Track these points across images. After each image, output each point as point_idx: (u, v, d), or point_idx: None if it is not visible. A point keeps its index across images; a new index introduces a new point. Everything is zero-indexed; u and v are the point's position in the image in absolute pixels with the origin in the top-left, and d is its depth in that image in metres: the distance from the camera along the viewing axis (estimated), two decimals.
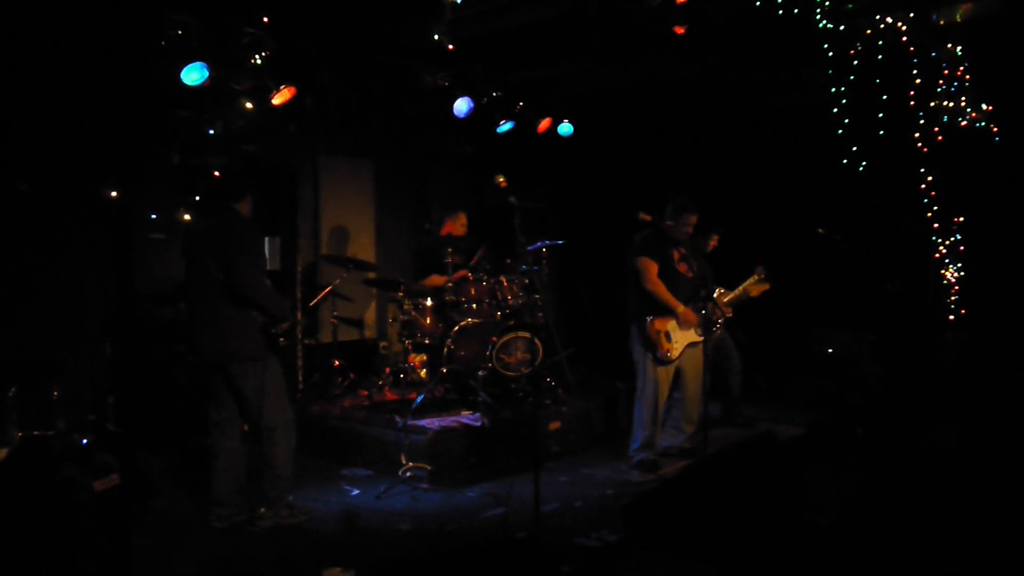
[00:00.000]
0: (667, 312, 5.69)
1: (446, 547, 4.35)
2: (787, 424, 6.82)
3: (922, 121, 6.70)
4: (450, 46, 5.72)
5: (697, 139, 8.41)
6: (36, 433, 5.01)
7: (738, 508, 4.00)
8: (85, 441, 4.77)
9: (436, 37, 5.70)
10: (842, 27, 5.68)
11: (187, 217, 6.29)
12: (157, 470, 5.61)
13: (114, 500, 4.47)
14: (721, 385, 7.03)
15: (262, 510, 4.72)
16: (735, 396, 7.18)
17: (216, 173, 5.89)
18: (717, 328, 6.74)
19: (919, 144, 6.75)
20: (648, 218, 5.44)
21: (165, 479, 5.49)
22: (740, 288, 6.84)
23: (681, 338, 5.73)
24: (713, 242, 7.04)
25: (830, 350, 8.06)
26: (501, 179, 4.87)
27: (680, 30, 5.38)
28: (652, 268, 5.70)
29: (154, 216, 6.47)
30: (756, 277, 6.79)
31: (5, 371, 5.40)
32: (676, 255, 5.84)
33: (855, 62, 5.87)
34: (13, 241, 5.72)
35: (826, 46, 5.79)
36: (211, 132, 6.34)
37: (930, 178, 6.87)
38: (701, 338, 5.67)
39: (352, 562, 3.93)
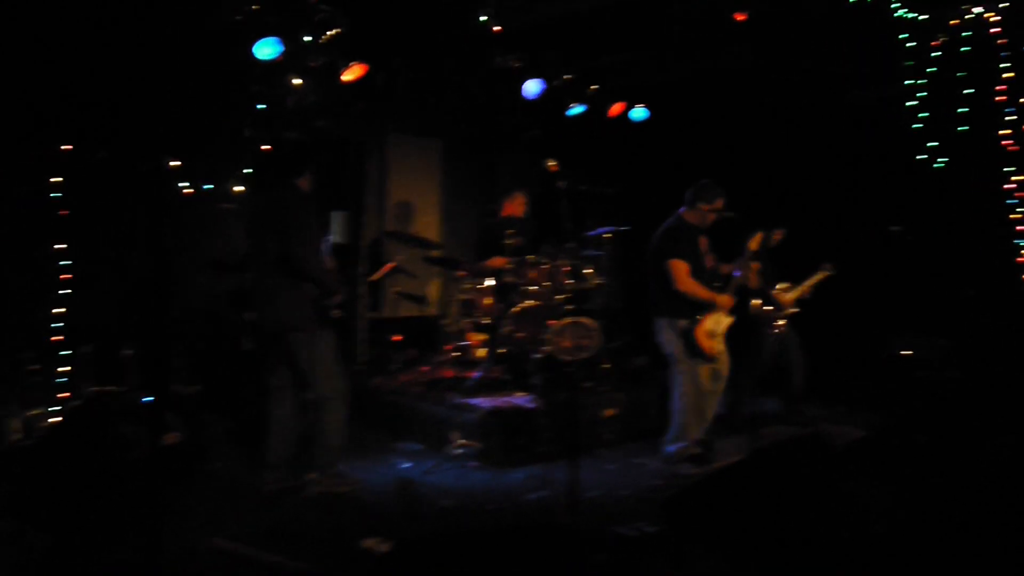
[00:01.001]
0: (705, 308, 5.43)
1: (481, 526, 4.40)
2: (849, 426, 6.64)
3: (1010, 118, 6.41)
4: (496, 28, 5.70)
5: (768, 132, 8.20)
6: (101, 390, 5.21)
7: (777, 509, 3.93)
8: (147, 400, 4.96)
9: (482, 19, 5.67)
10: (924, 16, 5.45)
11: (239, 189, 6.42)
12: (218, 432, 5.84)
13: (171, 458, 4.67)
14: (783, 382, 6.89)
15: (312, 476, 4.84)
16: (796, 394, 7.02)
17: (270, 148, 6.00)
18: (782, 324, 6.62)
19: (1006, 142, 6.46)
20: (706, 208, 5.36)
21: (224, 442, 5.71)
22: (805, 284, 6.70)
23: (720, 331, 5.51)
24: (777, 236, 6.88)
25: (901, 353, 7.83)
26: (552, 163, 4.88)
27: (741, 17, 5.25)
28: (684, 269, 5.39)
29: (211, 186, 6.60)
30: (822, 275, 6.63)
31: (81, 331, 5.67)
32: (703, 245, 5.60)
33: (936, 54, 5.62)
34: (90, 209, 5.94)
35: (905, 36, 5.55)
36: (275, 108, 6.44)
37: (1018, 178, 6.57)
38: (732, 319, 5.51)
39: (391, 534, 4.00)
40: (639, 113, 8.47)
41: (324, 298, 4.78)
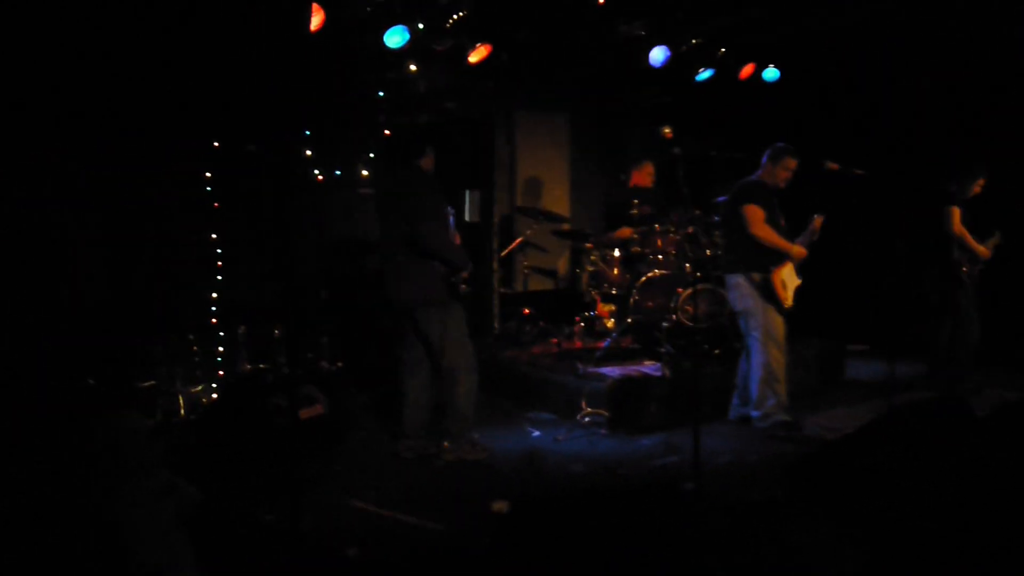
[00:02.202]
0: (780, 259, 5.47)
1: (604, 487, 4.48)
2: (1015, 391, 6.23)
3: None
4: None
5: (912, 87, 7.71)
6: (255, 367, 5.66)
7: (907, 479, 3.80)
8: (296, 375, 5.34)
9: None
10: None
11: (365, 173, 6.70)
12: (360, 405, 6.20)
13: (317, 428, 5.02)
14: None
15: (445, 444, 5.08)
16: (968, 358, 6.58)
17: (389, 133, 6.25)
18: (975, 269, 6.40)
19: None
20: (835, 167, 5.26)
21: (366, 413, 6.06)
22: (989, 243, 6.40)
23: (791, 284, 5.51)
24: (978, 186, 6.49)
25: None
26: (667, 130, 4.87)
27: None
28: (759, 214, 5.46)
29: (339, 172, 6.91)
30: (995, 240, 6.37)
31: (237, 313, 6.15)
32: (776, 206, 5.62)
33: None
34: (244, 198, 6.40)
35: None
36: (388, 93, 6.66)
37: None
38: (799, 281, 5.51)
39: (521, 498, 4.16)
40: (771, 74, 8.20)
41: (452, 274, 4.99)
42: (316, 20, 5.66)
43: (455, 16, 6.42)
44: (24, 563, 2.15)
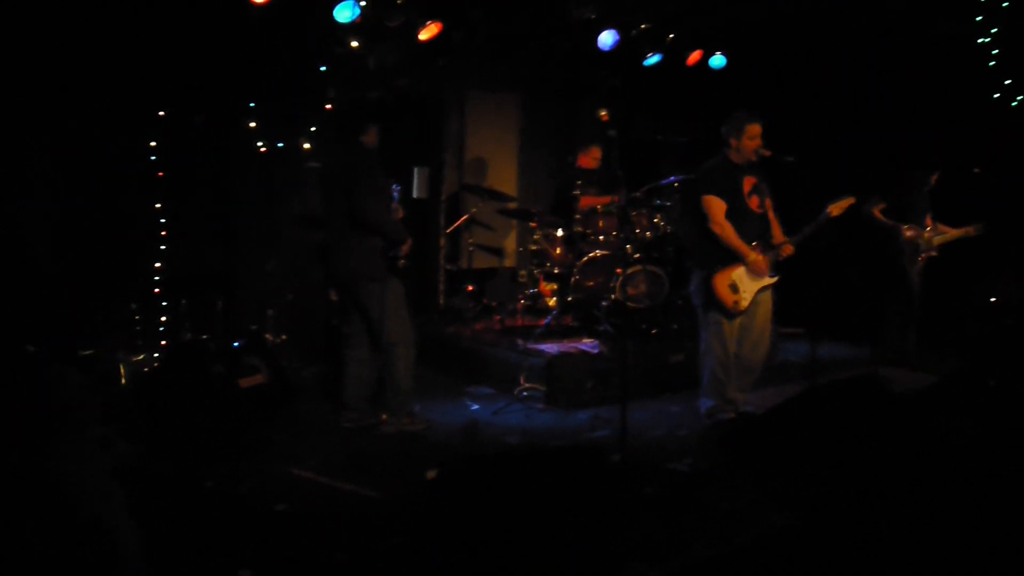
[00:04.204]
0: (734, 259, 5.06)
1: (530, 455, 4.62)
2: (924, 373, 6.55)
3: None
4: None
5: (855, 75, 7.93)
6: (196, 337, 5.70)
7: (827, 447, 4.02)
8: (237, 345, 5.40)
9: None
10: None
11: (307, 146, 6.72)
12: (305, 377, 6.27)
13: (258, 397, 5.10)
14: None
15: (384, 417, 5.19)
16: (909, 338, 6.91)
17: (330, 108, 6.28)
18: (922, 257, 6.64)
19: None
20: (768, 153, 5.04)
21: (310, 385, 6.14)
22: (953, 232, 6.68)
23: (750, 286, 5.09)
24: (934, 178, 6.76)
25: (992, 299, 7.64)
26: (603, 112, 4.97)
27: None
28: (719, 207, 5.05)
29: (281, 144, 6.89)
30: (969, 230, 6.67)
31: (179, 285, 6.17)
32: (746, 185, 5.15)
33: None
34: (185, 169, 6.38)
35: None
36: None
37: None
38: (774, 279, 5.16)
39: None
40: (718, 61, 8.38)
41: (392, 248, 5.08)
42: None
43: None
44: None
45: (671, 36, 8.11)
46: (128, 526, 2.44)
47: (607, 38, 7.56)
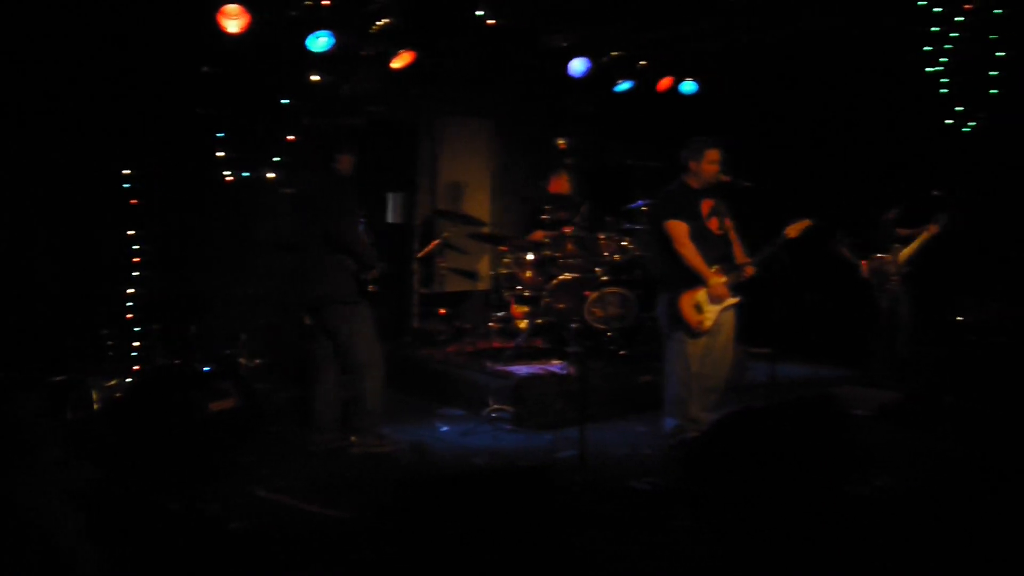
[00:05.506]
0: (696, 281, 5.19)
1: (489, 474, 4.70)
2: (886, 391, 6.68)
3: None
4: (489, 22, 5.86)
5: (818, 103, 8.13)
6: (169, 362, 5.76)
7: (780, 465, 4.11)
8: (208, 370, 5.47)
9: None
10: None
11: (271, 175, 6.80)
12: (277, 400, 6.33)
13: (228, 421, 5.16)
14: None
15: (353, 439, 5.27)
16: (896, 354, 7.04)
17: (294, 137, 6.40)
18: (894, 281, 6.79)
19: None
20: (727, 179, 5.21)
21: (282, 408, 6.20)
22: (914, 243, 6.82)
23: (713, 306, 5.23)
24: (892, 215, 6.95)
25: (959, 318, 7.80)
26: (561, 142, 5.10)
27: None
28: (682, 229, 5.17)
29: (246, 174, 6.89)
30: (928, 233, 6.77)
31: (152, 310, 6.24)
32: (705, 208, 5.29)
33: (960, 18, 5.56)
34: (162, 195, 6.46)
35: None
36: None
37: None
38: (735, 300, 5.29)
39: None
40: (688, 87, 8.56)
41: (362, 272, 5.19)
42: (242, 22, 5.76)
43: (380, 23, 6.58)
44: None
45: (642, 63, 8.31)
46: (84, 549, 2.50)
47: (578, 65, 7.74)
